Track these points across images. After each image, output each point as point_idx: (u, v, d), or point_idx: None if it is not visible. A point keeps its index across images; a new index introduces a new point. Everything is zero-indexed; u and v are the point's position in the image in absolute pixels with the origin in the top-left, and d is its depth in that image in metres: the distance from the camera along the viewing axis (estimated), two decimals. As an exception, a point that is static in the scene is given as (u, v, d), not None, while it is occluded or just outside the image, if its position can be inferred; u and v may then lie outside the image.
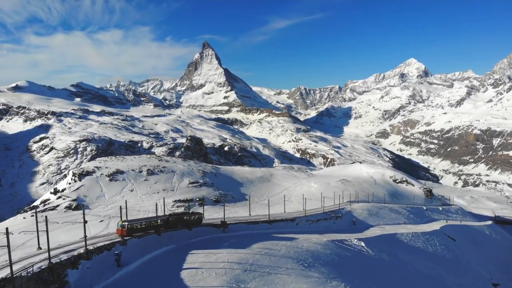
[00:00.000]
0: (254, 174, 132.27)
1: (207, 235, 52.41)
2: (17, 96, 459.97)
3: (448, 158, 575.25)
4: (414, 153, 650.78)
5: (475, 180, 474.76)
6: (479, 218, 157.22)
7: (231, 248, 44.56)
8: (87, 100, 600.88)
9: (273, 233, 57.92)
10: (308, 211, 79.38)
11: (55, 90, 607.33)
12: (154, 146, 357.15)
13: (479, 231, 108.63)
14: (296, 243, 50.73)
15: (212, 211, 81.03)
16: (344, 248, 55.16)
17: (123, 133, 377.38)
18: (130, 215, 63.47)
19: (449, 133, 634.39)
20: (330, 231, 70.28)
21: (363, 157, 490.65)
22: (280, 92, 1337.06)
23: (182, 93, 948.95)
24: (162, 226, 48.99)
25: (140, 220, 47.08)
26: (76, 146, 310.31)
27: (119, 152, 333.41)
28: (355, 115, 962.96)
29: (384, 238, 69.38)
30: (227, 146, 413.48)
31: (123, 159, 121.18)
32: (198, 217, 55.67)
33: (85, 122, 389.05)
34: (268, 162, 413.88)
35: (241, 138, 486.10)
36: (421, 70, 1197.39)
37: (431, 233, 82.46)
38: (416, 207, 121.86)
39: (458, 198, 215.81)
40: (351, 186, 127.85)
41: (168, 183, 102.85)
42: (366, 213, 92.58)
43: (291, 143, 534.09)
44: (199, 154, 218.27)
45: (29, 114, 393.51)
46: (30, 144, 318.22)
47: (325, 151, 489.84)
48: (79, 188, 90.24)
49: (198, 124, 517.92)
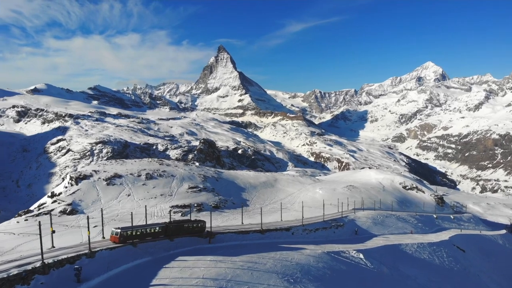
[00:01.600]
0: (257, 179, 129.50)
1: (190, 246, 49.33)
2: (36, 99, 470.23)
3: (466, 163, 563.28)
4: (431, 158, 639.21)
5: (493, 186, 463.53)
6: (494, 226, 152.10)
7: (212, 261, 41.43)
8: (104, 103, 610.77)
9: (264, 244, 55.16)
10: (308, 219, 76.10)
11: (73, 93, 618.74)
12: (169, 148, 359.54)
13: (492, 241, 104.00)
14: (286, 256, 47.79)
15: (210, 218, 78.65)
16: (339, 260, 52.16)
17: (139, 135, 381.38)
18: (125, 221, 62.23)
19: (467, 138, 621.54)
20: (329, 241, 67.20)
21: (379, 162, 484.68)
22: (295, 96, 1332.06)
23: (197, 96, 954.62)
24: (160, 234, 47.47)
25: (136, 227, 45.82)
26: (92, 148, 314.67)
27: (134, 154, 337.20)
28: (371, 119, 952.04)
29: (386, 249, 65.92)
30: (240, 149, 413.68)
31: (123, 163, 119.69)
32: (201, 225, 53.57)
33: (101, 125, 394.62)
34: (281, 166, 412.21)
35: (255, 141, 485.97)
36: (438, 73, 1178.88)
37: (439, 244, 77.77)
38: (425, 215, 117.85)
39: (474, 205, 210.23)
40: (358, 193, 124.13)
41: (167, 187, 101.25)
42: (371, 221, 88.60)
43: (305, 146, 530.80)
44: (212, 157, 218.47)
45: (47, 116, 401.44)
46: (47, 146, 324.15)
47: (340, 155, 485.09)
48: (75, 192, 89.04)
49: (213, 127, 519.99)
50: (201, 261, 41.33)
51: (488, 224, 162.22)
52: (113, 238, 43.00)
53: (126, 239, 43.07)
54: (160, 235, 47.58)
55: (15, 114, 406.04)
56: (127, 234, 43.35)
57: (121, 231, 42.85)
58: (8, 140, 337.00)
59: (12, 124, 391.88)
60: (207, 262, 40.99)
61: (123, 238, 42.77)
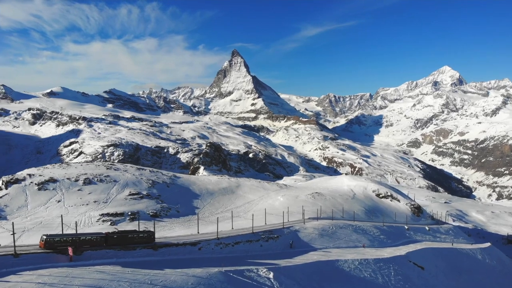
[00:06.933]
0: (218, 185, 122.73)
1: (40, 263, 39.32)
2: (52, 102, 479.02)
3: (482, 170, 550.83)
4: (446, 163, 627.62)
5: (510, 193, 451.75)
6: (490, 237, 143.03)
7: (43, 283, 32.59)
8: (119, 106, 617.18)
9: (154, 261, 47.19)
10: (239, 230, 67.41)
11: (88, 96, 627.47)
12: (180, 152, 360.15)
13: (468, 256, 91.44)
14: (157, 277, 37.67)
15: (142, 228, 67.75)
16: (237, 282, 42.63)
17: (151, 138, 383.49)
18: (50, 229, 59.51)
19: (484, 144, 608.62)
20: (248, 256, 58.01)
21: (393, 167, 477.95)
22: (309, 99, 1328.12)
23: (211, 100, 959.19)
24: (97, 244, 45.97)
25: (67, 236, 44.99)
26: (104, 151, 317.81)
27: (146, 157, 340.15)
28: (386, 124, 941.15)
29: (316, 266, 56.44)
30: (251, 153, 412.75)
31: (66, 167, 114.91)
32: (148, 235, 51.14)
33: (114, 128, 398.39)
34: (293, 170, 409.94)
35: (266, 145, 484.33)
36: (455, 78, 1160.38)
37: (388, 260, 67.03)
38: (395, 225, 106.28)
39: (477, 213, 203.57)
40: (322, 201, 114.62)
41: (104, 194, 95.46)
42: (317, 233, 77.53)
43: (317, 151, 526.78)
44: (218, 161, 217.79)
45: (62, 119, 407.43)
46: (60, 148, 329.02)
47: (353, 160, 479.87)
48: (3, 196, 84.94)
49: (224, 131, 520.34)
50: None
51: (484, 234, 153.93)
52: (41, 244, 42.88)
53: (52, 245, 42.33)
54: (99, 244, 46.07)
55: (31, 117, 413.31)
56: (54, 241, 42.62)
57: (46, 237, 42.48)
58: (23, 142, 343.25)
59: (28, 127, 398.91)
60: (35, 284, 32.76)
61: (49, 244, 42.18)
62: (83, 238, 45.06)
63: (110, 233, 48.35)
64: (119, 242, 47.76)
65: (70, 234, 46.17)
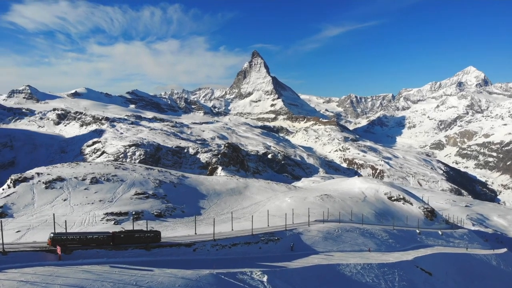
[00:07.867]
0: (225, 185, 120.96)
1: (28, 261, 38.86)
2: (76, 102, 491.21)
3: (508, 172, 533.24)
4: (470, 166, 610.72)
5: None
6: (509, 243, 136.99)
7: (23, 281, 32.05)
8: (141, 107, 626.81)
9: (145, 262, 45.33)
10: (240, 232, 65.50)
11: (111, 97, 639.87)
12: (200, 152, 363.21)
13: (482, 262, 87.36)
14: (144, 278, 36.82)
15: (145, 227, 66.78)
16: (228, 285, 41.60)
17: (172, 139, 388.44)
18: (56, 227, 59.61)
19: (509, 146, 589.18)
20: (245, 259, 56.10)
21: (415, 169, 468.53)
22: (330, 100, 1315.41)
23: (231, 101, 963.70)
24: (103, 243, 46.53)
25: (74, 234, 45.87)
26: (125, 150, 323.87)
27: (166, 157, 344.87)
28: (409, 125, 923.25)
29: (315, 270, 54.30)
30: (270, 154, 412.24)
31: (75, 166, 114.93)
32: (154, 235, 51.58)
33: (136, 128, 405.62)
34: (312, 171, 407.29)
35: (285, 146, 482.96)
36: (480, 78, 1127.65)
37: (393, 265, 64.25)
38: (406, 229, 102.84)
39: (498, 217, 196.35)
40: (331, 203, 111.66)
41: (110, 193, 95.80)
42: (321, 236, 74.39)
43: (337, 152, 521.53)
44: (236, 161, 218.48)
45: (85, 119, 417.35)
46: (84, 148, 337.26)
47: (374, 161, 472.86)
48: (10, 195, 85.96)
49: (244, 132, 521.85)
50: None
51: (504, 240, 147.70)
52: (49, 241, 43.75)
53: (59, 243, 43.22)
54: (105, 243, 46.60)
55: (55, 117, 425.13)
56: (61, 239, 43.61)
57: (54, 235, 43.45)
58: (48, 142, 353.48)
59: (52, 126, 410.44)
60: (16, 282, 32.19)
61: (56, 242, 43.06)
62: (90, 237, 45.73)
63: (117, 232, 48.81)
64: (126, 241, 48.26)
65: (78, 233, 47.00)
